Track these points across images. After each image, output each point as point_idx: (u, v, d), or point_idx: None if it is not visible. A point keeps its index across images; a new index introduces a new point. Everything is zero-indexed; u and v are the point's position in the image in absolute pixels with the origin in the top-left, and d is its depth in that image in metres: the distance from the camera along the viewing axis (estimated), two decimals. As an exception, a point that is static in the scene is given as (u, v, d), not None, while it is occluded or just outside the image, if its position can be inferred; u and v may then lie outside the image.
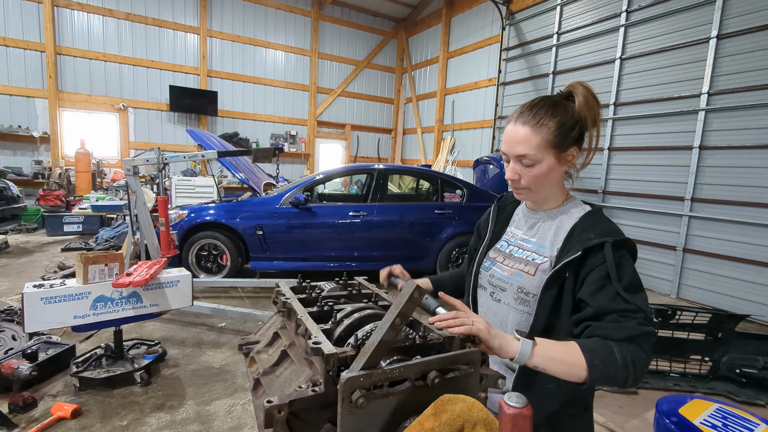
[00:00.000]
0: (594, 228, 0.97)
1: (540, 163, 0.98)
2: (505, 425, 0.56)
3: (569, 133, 0.98)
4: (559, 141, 0.97)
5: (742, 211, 4.78)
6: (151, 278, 2.63)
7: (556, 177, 1.03)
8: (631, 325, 0.85)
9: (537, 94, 7.45)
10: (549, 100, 1.00)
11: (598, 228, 0.97)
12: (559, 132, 0.97)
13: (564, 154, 1.00)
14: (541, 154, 0.97)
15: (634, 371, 0.82)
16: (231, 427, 2.32)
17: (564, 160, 1.00)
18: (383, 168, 5.41)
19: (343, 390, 0.64)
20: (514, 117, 1.00)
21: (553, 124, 0.97)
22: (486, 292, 1.14)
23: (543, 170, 0.99)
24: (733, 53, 4.86)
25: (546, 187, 1.04)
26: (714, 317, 2.95)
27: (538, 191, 1.04)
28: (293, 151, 10.97)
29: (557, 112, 0.98)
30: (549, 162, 0.98)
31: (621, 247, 0.93)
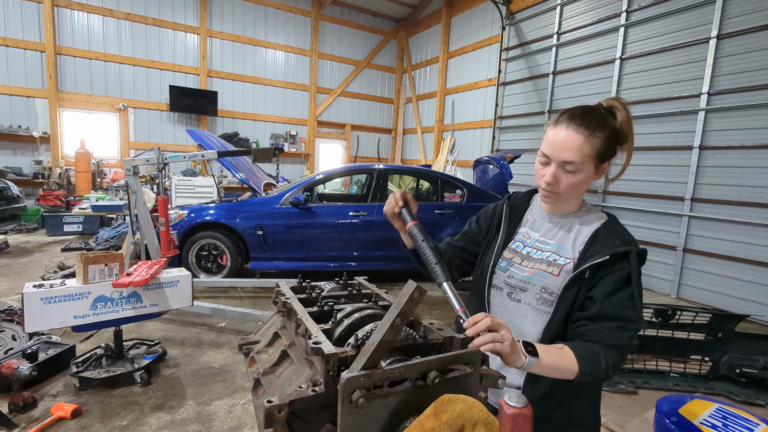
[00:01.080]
0: (618, 236, 1.04)
1: (582, 172, 1.00)
2: (505, 425, 0.56)
3: (612, 147, 1.02)
4: (603, 153, 1.01)
5: (742, 211, 4.78)
6: (151, 278, 2.63)
7: (587, 186, 1.07)
8: (623, 336, 0.95)
9: (537, 94, 7.49)
10: (598, 112, 1.02)
11: (622, 236, 1.04)
12: (606, 144, 1.00)
13: (602, 166, 1.04)
14: (586, 163, 1.00)
15: (611, 373, 0.94)
16: (231, 427, 2.32)
17: (601, 171, 1.04)
18: (383, 168, 5.41)
19: (343, 390, 0.64)
20: (565, 122, 0.99)
21: (604, 137, 1.00)
22: (502, 292, 1.15)
23: (582, 179, 1.02)
24: (733, 53, 4.86)
25: (577, 197, 1.09)
26: (714, 317, 2.95)
27: (569, 198, 1.07)
28: (293, 151, 10.97)
29: (607, 125, 1.01)
30: (589, 171, 1.02)
31: (642, 258, 1.00)
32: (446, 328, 0.91)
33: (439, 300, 4.86)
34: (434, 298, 4.89)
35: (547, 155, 1.00)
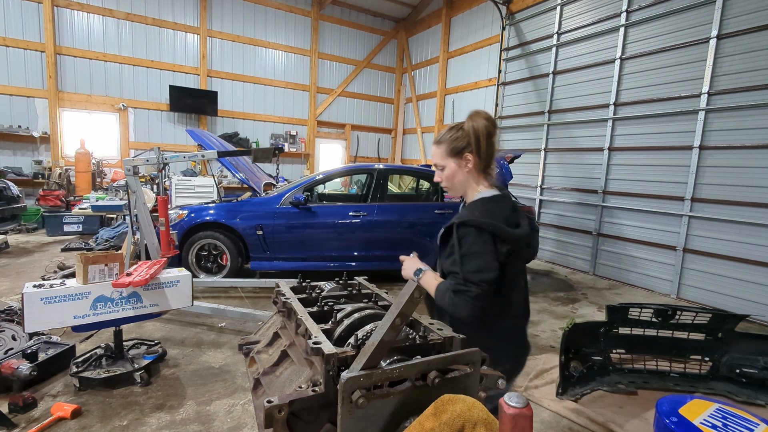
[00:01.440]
0: (460, 213, 1.37)
1: (447, 167, 1.42)
2: (505, 425, 0.56)
3: (469, 142, 1.38)
4: (457, 148, 1.39)
5: (742, 211, 4.78)
6: (151, 278, 2.63)
7: (461, 176, 1.42)
8: (454, 284, 1.27)
9: (537, 94, 7.49)
10: (450, 126, 1.45)
11: (461, 213, 1.36)
12: (449, 146, 1.41)
13: (460, 158, 1.40)
14: (445, 162, 1.42)
15: (452, 307, 1.26)
16: (231, 427, 2.32)
17: (463, 161, 1.40)
18: (383, 168, 5.41)
19: (344, 390, 0.64)
20: (435, 141, 1.47)
21: (448, 140, 1.41)
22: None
23: (449, 172, 1.42)
24: (733, 53, 4.86)
25: (458, 184, 1.45)
26: (714, 317, 2.95)
27: (454, 187, 1.46)
28: (293, 151, 10.97)
29: (451, 131, 1.42)
30: (452, 165, 1.41)
31: (465, 226, 1.30)
32: (446, 328, 0.91)
33: (439, 300, 4.86)
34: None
35: (434, 163, 1.47)
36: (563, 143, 7.05)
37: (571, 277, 6.29)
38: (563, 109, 7.03)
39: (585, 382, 2.92)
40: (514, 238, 1.35)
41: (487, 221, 1.28)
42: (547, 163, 7.35)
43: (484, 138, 1.36)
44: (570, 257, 6.93)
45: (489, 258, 1.27)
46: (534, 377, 3.04)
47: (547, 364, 3.21)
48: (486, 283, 1.24)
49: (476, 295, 1.23)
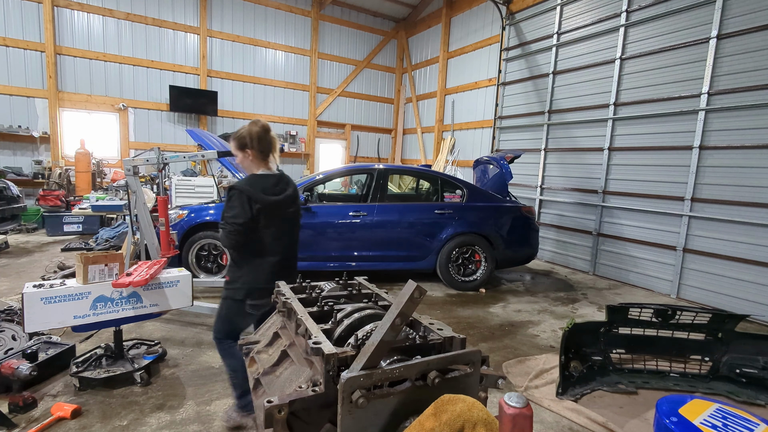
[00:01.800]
0: (239, 180, 2.16)
1: (237, 156, 2.20)
2: (505, 425, 0.56)
3: (246, 141, 2.15)
4: (241, 145, 2.17)
5: (742, 211, 4.78)
6: (151, 278, 2.63)
7: (248, 162, 2.18)
8: (222, 223, 2.09)
9: (537, 94, 7.49)
10: (239, 129, 2.21)
11: (240, 180, 2.15)
12: (239, 141, 2.17)
13: (243, 152, 2.17)
14: (236, 152, 2.20)
15: (220, 238, 2.12)
16: (231, 427, 2.32)
17: (245, 154, 2.17)
18: (383, 168, 5.41)
19: (344, 390, 0.64)
20: (231, 137, 2.24)
21: (236, 139, 2.17)
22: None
23: (239, 159, 2.20)
24: (733, 53, 4.86)
25: (246, 167, 2.20)
26: (714, 317, 2.95)
27: (244, 169, 2.22)
28: (293, 151, 10.97)
29: (238, 133, 2.17)
30: (240, 156, 2.19)
31: (232, 189, 2.07)
32: (446, 328, 0.91)
33: (439, 300, 4.86)
34: (434, 298, 4.89)
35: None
36: (563, 143, 7.05)
37: (571, 277, 6.29)
38: (563, 109, 7.03)
39: (585, 382, 2.92)
40: (265, 202, 2.07)
41: (245, 187, 2.06)
42: (547, 163, 7.35)
43: (256, 139, 2.13)
44: (570, 257, 6.93)
45: (241, 210, 2.03)
46: (534, 377, 3.04)
47: (547, 364, 3.21)
48: (237, 225, 2.02)
49: (230, 231, 2.03)
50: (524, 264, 5.94)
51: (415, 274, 5.46)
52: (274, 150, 2.19)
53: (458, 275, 5.26)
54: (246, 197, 2.02)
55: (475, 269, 5.32)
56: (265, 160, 2.17)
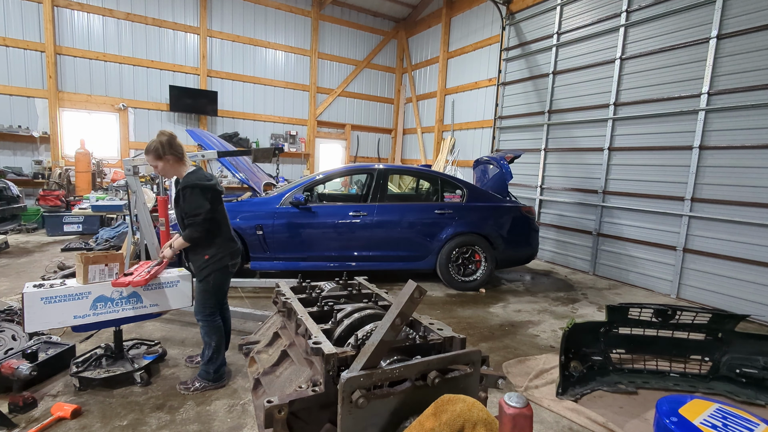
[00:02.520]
0: (181, 182, 2.56)
1: (158, 166, 2.58)
2: (505, 425, 0.56)
3: (160, 152, 2.54)
4: (157, 155, 2.56)
5: (742, 211, 4.78)
6: (151, 278, 2.63)
7: (169, 166, 2.59)
8: (188, 222, 2.52)
9: (537, 94, 7.49)
10: (151, 141, 2.57)
11: (182, 181, 2.55)
12: (155, 152, 2.55)
13: (163, 160, 2.56)
14: (156, 162, 2.57)
15: (189, 236, 2.54)
16: (231, 427, 2.32)
17: (165, 160, 2.56)
18: (383, 168, 5.41)
19: (344, 390, 0.64)
20: (144, 152, 2.59)
21: (152, 151, 2.56)
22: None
23: (161, 168, 2.59)
24: (733, 53, 4.86)
25: (169, 173, 2.61)
26: (714, 317, 2.95)
27: (168, 174, 2.62)
28: (293, 151, 10.96)
29: (148, 149, 2.57)
30: (161, 164, 2.58)
31: (186, 188, 2.50)
32: (446, 328, 0.91)
33: (439, 300, 4.86)
34: (434, 298, 4.89)
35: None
36: (563, 143, 7.05)
37: (571, 277, 6.29)
38: (563, 109, 7.03)
39: (585, 382, 2.92)
40: (210, 187, 2.55)
41: (196, 182, 2.50)
42: (547, 163, 7.35)
43: (168, 146, 2.54)
44: (570, 257, 6.93)
45: (202, 200, 2.49)
46: (534, 377, 3.04)
47: (547, 364, 3.21)
48: (204, 213, 2.48)
49: (200, 221, 2.48)
50: (524, 264, 5.94)
51: (415, 274, 5.46)
52: (185, 151, 2.63)
53: (458, 275, 5.26)
54: (199, 190, 2.49)
55: (475, 269, 5.32)
56: (183, 160, 2.60)
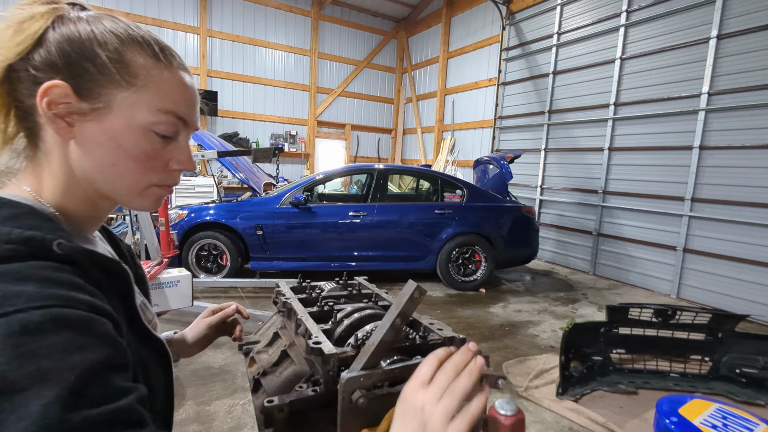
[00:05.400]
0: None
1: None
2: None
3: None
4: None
5: (742, 211, 4.78)
6: (151, 278, 2.63)
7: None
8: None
9: (537, 94, 7.48)
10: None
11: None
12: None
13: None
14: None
15: None
16: (231, 427, 2.32)
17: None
18: (383, 168, 5.41)
19: (344, 390, 0.64)
20: (184, 67, 0.64)
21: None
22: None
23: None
24: (733, 53, 4.85)
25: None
26: (714, 317, 2.95)
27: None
28: (293, 151, 10.97)
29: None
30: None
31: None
32: (446, 328, 0.91)
33: (439, 300, 4.86)
34: (434, 298, 4.89)
35: (182, 117, 0.60)
36: (563, 143, 7.05)
37: (571, 277, 6.29)
38: (563, 109, 7.03)
39: (585, 382, 2.92)
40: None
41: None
42: (547, 163, 7.35)
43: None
44: (570, 257, 6.93)
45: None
46: (534, 377, 3.04)
47: (547, 364, 3.21)
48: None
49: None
50: (524, 264, 5.94)
51: (415, 274, 5.46)
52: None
53: (458, 275, 5.26)
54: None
55: (475, 269, 5.32)
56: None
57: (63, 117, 0.51)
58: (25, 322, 0.38)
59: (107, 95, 0.52)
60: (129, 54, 0.55)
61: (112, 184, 0.56)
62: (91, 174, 0.54)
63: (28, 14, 0.50)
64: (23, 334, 0.38)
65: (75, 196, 0.55)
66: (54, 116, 0.50)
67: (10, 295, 0.39)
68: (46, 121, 0.51)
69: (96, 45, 0.53)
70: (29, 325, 0.38)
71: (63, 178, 0.54)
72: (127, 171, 0.55)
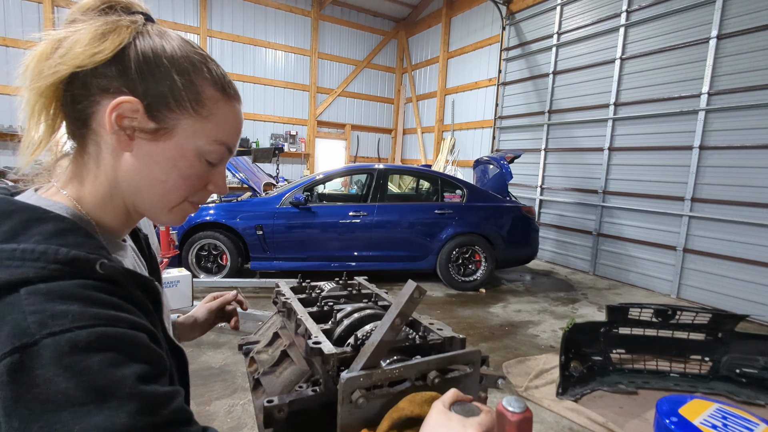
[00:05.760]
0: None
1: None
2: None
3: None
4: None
5: (742, 211, 4.78)
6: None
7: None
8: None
9: (537, 94, 7.48)
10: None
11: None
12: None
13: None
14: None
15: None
16: (231, 427, 2.32)
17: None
18: (383, 168, 5.41)
19: (343, 390, 0.64)
20: (238, 96, 0.63)
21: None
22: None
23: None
24: (733, 53, 4.86)
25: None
26: (714, 317, 2.95)
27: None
28: (293, 151, 10.97)
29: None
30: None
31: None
32: (446, 328, 0.91)
33: (439, 300, 4.86)
34: (434, 298, 4.89)
35: (231, 148, 0.61)
36: (563, 143, 7.05)
37: (571, 277, 6.29)
38: (563, 109, 7.03)
39: (585, 382, 2.92)
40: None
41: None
42: (547, 163, 7.35)
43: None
44: (570, 257, 6.93)
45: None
46: (534, 377, 3.04)
47: (547, 364, 3.21)
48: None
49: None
50: (524, 264, 5.94)
51: (415, 274, 5.46)
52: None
53: (458, 275, 5.26)
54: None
55: (475, 269, 5.32)
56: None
57: (125, 130, 0.53)
58: (74, 342, 0.41)
59: (174, 119, 0.54)
60: (199, 82, 0.55)
61: (153, 199, 0.57)
62: (138, 186, 0.56)
63: (112, 26, 0.53)
64: (73, 353, 0.40)
65: (113, 206, 0.58)
66: (119, 129, 0.52)
67: (58, 314, 0.41)
68: (110, 131, 0.52)
69: (174, 71, 0.54)
70: (78, 345, 0.41)
71: (107, 186, 0.56)
72: (174, 189, 0.57)
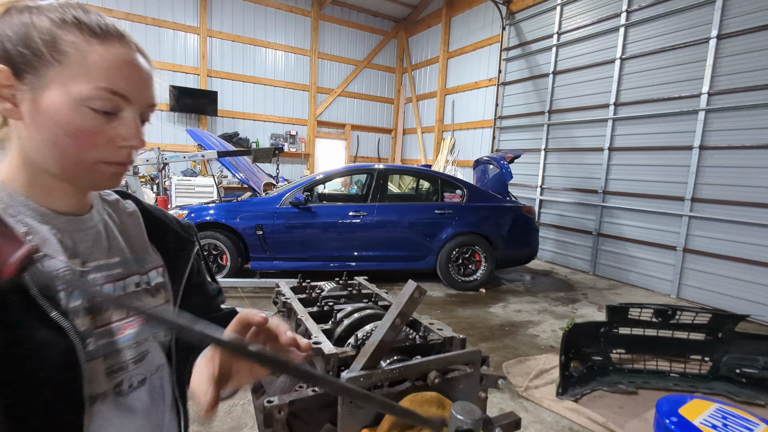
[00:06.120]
0: (167, 214, 0.81)
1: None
2: None
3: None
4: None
5: (742, 211, 4.78)
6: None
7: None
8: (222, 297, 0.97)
9: (537, 94, 7.48)
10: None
11: (170, 215, 0.82)
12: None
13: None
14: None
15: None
16: (231, 427, 2.32)
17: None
18: (383, 168, 5.41)
19: (343, 390, 0.64)
20: (132, 44, 0.59)
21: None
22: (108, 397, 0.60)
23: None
24: (733, 53, 4.86)
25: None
26: (714, 317, 2.95)
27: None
28: (293, 151, 10.96)
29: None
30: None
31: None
32: (446, 328, 0.91)
33: (439, 300, 4.86)
34: (434, 298, 4.89)
35: (120, 92, 0.56)
36: (563, 143, 7.05)
37: (571, 277, 6.29)
38: (563, 109, 7.03)
39: (585, 382, 2.92)
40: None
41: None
42: (547, 163, 7.35)
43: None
44: (570, 257, 6.93)
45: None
46: (534, 377, 3.04)
47: (547, 364, 3.21)
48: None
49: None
50: (524, 264, 5.94)
51: (415, 274, 5.46)
52: None
53: (458, 275, 5.26)
54: None
55: (475, 269, 5.32)
56: None
57: (8, 99, 0.54)
58: None
59: (41, 75, 0.53)
60: (60, 33, 0.54)
61: (58, 163, 0.56)
62: (41, 153, 0.55)
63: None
64: None
65: (35, 179, 0.58)
66: (2, 99, 0.53)
67: None
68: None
69: (32, 29, 0.53)
70: None
71: (21, 159, 0.57)
72: (67, 148, 0.55)
